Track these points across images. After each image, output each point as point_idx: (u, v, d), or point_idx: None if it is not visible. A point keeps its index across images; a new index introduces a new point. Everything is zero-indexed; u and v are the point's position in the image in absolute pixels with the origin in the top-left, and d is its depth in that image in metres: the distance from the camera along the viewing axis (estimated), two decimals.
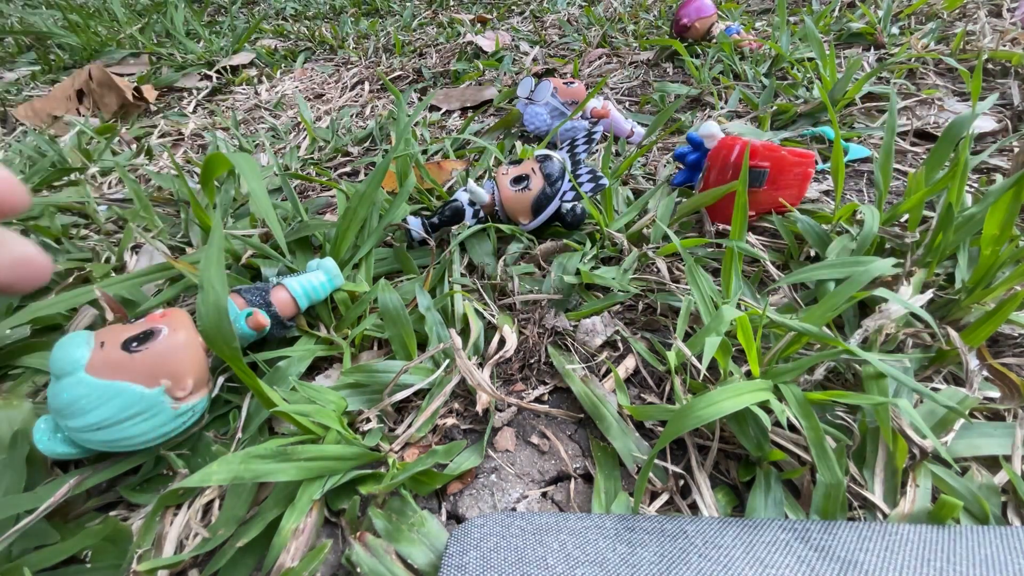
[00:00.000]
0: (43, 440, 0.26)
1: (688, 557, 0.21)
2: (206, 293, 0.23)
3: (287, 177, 0.46)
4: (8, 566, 0.24)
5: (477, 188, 0.41)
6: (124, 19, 1.29)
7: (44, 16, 1.33)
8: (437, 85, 0.88)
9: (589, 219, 0.46)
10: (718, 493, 0.26)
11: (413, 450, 0.29)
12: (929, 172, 0.38)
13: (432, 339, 0.34)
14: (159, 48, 1.11)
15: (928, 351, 0.30)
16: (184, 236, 0.47)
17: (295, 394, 0.30)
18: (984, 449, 0.26)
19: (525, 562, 0.21)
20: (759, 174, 0.39)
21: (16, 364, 0.33)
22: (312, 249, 0.43)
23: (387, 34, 1.14)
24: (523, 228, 0.42)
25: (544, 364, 0.34)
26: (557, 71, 0.85)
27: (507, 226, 0.42)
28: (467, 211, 0.42)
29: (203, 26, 1.26)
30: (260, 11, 1.49)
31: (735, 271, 0.34)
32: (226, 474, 0.23)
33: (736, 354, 0.32)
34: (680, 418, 0.23)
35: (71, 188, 0.55)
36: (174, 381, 0.27)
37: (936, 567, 0.20)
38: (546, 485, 0.28)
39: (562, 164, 0.41)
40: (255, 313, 0.31)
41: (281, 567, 0.23)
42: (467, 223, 0.42)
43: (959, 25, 0.81)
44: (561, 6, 1.24)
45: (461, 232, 0.42)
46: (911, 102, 0.60)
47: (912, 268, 0.35)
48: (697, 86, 0.72)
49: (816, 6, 1.00)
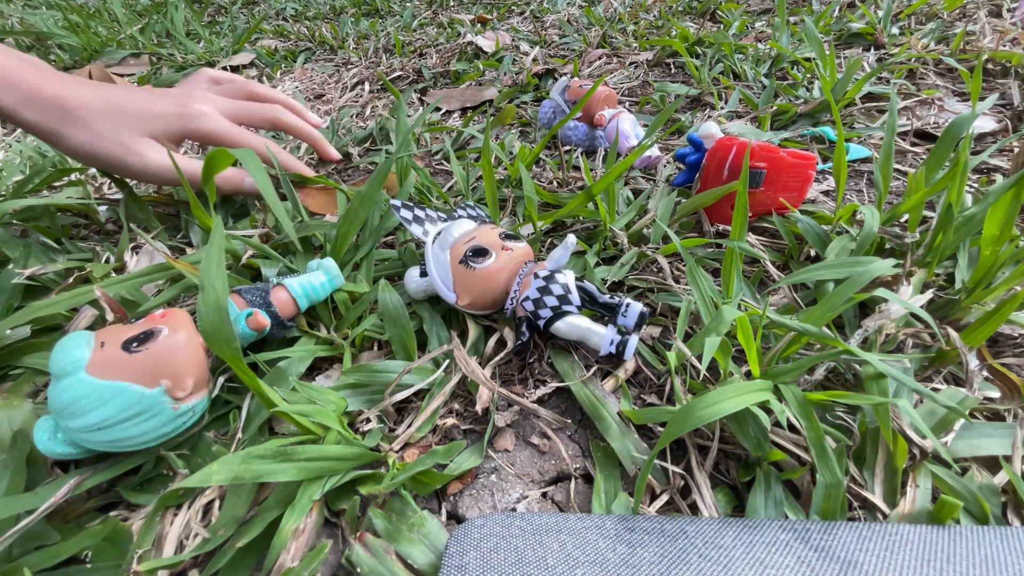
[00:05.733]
0: (43, 440, 0.26)
1: (688, 557, 0.21)
2: (206, 293, 0.23)
3: (287, 177, 0.46)
4: (8, 566, 0.24)
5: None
6: (124, 19, 1.29)
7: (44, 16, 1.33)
8: (437, 85, 0.88)
9: (591, 219, 0.46)
10: (718, 493, 0.26)
11: (413, 450, 0.29)
12: (929, 172, 0.38)
13: (432, 339, 0.35)
14: (159, 48, 1.11)
15: (928, 351, 0.30)
16: (184, 236, 0.47)
17: (295, 394, 0.30)
18: (984, 449, 0.26)
19: (525, 562, 0.21)
20: (756, 175, 0.39)
21: (16, 364, 0.33)
22: (312, 249, 0.43)
23: (387, 34, 1.14)
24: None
25: (546, 363, 0.34)
26: (557, 71, 0.85)
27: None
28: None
29: (203, 26, 1.26)
30: (260, 11, 1.50)
31: (735, 271, 0.34)
32: (226, 474, 0.23)
33: (736, 354, 0.32)
34: (680, 419, 0.23)
35: (71, 188, 0.55)
36: (174, 381, 0.27)
37: (936, 567, 0.20)
38: (546, 485, 0.28)
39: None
40: (255, 313, 0.31)
41: (281, 567, 0.23)
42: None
43: (959, 25, 0.81)
44: (561, 6, 1.24)
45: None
46: (911, 102, 0.60)
47: (912, 268, 0.35)
48: (697, 86, 0.72)
49: (816, 6, 1.01)
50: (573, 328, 0.32)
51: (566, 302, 0.32)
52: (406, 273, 0.37)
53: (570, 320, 0.32)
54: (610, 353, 0.31)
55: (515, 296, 0.33)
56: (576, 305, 0.32)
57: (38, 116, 0.41)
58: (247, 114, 0.49)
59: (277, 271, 0.39)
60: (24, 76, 0.41)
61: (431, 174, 0.58)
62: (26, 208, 0.47)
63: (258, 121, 0.50)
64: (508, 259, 0.34)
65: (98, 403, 0.25)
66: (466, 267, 0.33)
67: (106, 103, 0.43)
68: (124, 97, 0.44)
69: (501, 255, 0.34)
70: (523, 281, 0.33)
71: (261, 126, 0.50)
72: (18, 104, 0.40)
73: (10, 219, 0.46)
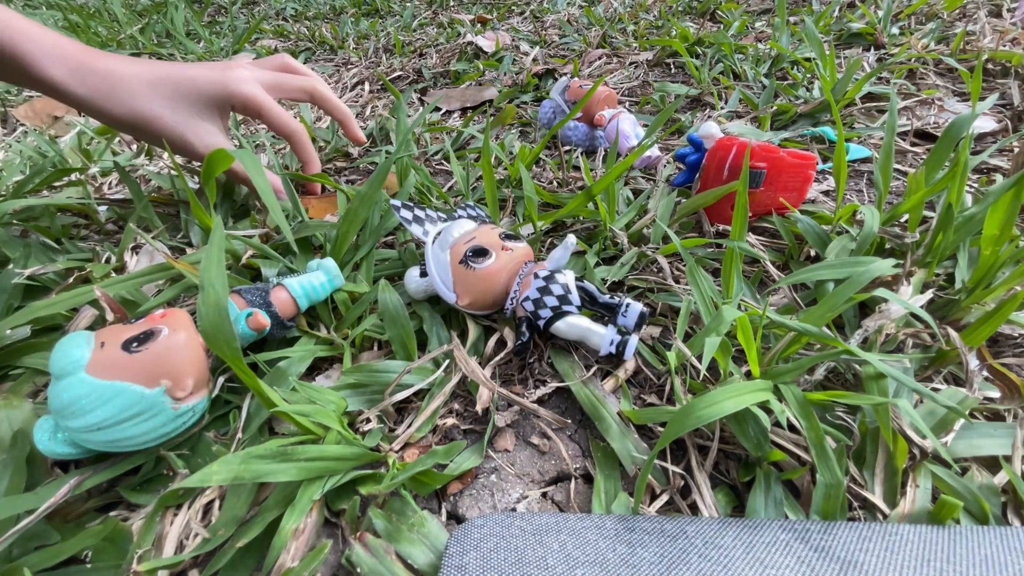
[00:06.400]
0: (43, 440, 0.26)
1: (688, 557, 0.21)
2: (206, 293, 0.23)
3: (287, 177, 0.46)
4: (8, 566, 0.24)
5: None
6: (124, 19, 1.29)
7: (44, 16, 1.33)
8: (437, 85, 0.88)
9: (591, 219, 0.46)
10: (718, 493, 0.26)
11: (413, 450, 0.29)
12: (929, 172, 0.38)
13: (432, 339, 0.35)
14: (159, 48, 1.11)
15: (928, 351, 0.30)
16: (184, 236, 0.48)
17: (295, 394, 0.30)
18: (984, 449, 0.26)
19: (525, 562, 0.21)
20: (756, 175, 0.39)
21: (16, 364, 0.33)
22: (312, 249, 0.43)
23: (387, 34, 1.14)
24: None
25: (546, 363, 0.34)
26: (557, 71, 0.85)
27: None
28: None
29: (203, 26, 1.26)
30: (260, 11, 1.50)
31: (735, 271, 0.34)
32: (226, 474, 0.23)
33: (736, 354, 0.32)
34: (680, 419, 0.23)
35: (71, 188, 0.55)
36: (174, 381, 0.27)
37: (936, 567, 0.20)
38: (546, 485, 0.28)
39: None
40: (255, 313, 0.31)
41: (281, 567, 0.23)
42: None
43: (959, 25, 0.81)
44: (561, 6, 1.24)
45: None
46: (911, 102, 0.60)
47: (912, 268, 0.35)
48: (697, 86, 0.72)
49: (816, 6, 1.01)
50: (573, 328, 0.32)
51: (566, 302, 0.32)
52: (406, 273, 0.37)
53: (570, 320, 0.32)
54: (610, 353, 0.31)
55: (515, 296, 0.33)
56: (576, 305, 0.32)
57: (89, 91, 0.41)
58: (286, 84, 0.49)
59: (277, 271, 0.39)
60: (72, 50, 0.41)
61: (431, 174, 0.58)
62: (26, 208, 0.47)
63: (296, 91, 0.50)
64: (508, 259, 0.34)
65: (98, 403, 0.25)
66: (466, 267, 0.33)
67: (152, 76, 0.43)
68: (168, 70, 0.44)
69: (501, 255, 0.34)
70: (523, 281, 0.33)
71: (298, 96, 0.50)
72: (68, 77, 0.40)
73: (10, 219, 0.46)
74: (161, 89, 0.43)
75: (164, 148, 0.43)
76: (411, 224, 0.37)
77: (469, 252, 0.34)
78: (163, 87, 0.43)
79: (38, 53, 0.39)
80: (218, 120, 0.46)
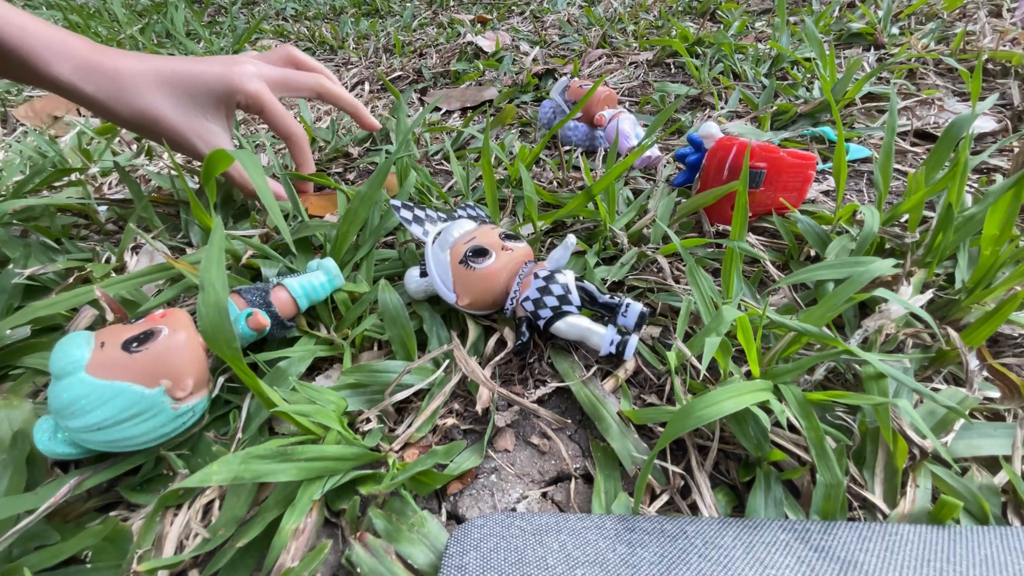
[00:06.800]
0: (43, 440, 0.26)
1: (688, 558, 0.21)
2: (206, 293, 0.23)
3: (287, 177, 0.46)
4: (8, 566, 0.24)
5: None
6: (124, 19, 1.29)
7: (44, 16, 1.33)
8: (437, 85, 0.88)
9: (591, 219, 0.46)
10: (718, 493, 0.26)
11: (413, 450, 0.29)
12: (929, 172, 0.38)
13: (432, 339, 0.35)
14: (159, 48, 1.11)
15: (928, 351, 0.30)
16: (184, 236, 0.48)
17: (295, 394, 0.30)
18: (984, 449, 0.26)
19: (525, 562, 0.21)
20: (756, 175, 0.39)
21: (16, 364, 0.33)
22: (312, 249, 0.43)
23: (387, 34, 1.14)
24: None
25: (546, 363, 0.34)
26: (557, 71, 0.85)
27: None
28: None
29: (203, 26, 1.26)
30: (260, 11, 1.50)
31: (735, 271, 0.34)
32: (226, 474, 0.23)
33: (736, 354, 0.32)
34: (680, 419, 0.23)
35: (71, 188, 0.55)
36: (174, 381, 0.27)
37: (936, 567, 0.20)
38: (546, 485, 0.28)
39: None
40: (255, 313, 0.31)
41: (281, 567, 0.23)
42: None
43: (959, 25, 0.81)
44: (561, 6, 1.24)
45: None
46: (911, 102, 0.60)
47: (912, 268, 0.35)
48: (697, 86, 0.72)
49: (816, 6, 1.01)
50: (573, 328, 0.32)
51: (566, 302, 0.32)
52: (406, 273, 0.37)
53: (570, 320, 0.32)
54: (610, 353, 0.31)
55: (515, 296, 0.33)
56: (576, 305, 0.32)
57: (95, 89, 0.41)
58: (293, 81, 0.49)
59: (277, 271, 0.39)
60: (79, 48, 0.40)
61: (431, 174, 0.58)
62: (26, 208, 0.47)
63: (303, 89, 0.50)
64: (508, 259, 0.34)
65: (98, 403, 0.25)
66: (466, 267, 0.33)
67: (159, 74, 0.43)
68: (175, 67, 0.44)
69: (501, 255, 0.34)
70: (523, 281, 0.33)
71: (305, 94, 0.50)
72: (74, 76, 0.40)
73: (10, 219, 0.46)
74: (167, 87, 0.43)
75: (167, 148, 0.43)
76: (411, 224, 0.37)
77: (469, 252, 0.34)
78: (169, 85, 0.43)
79: (45, 51, 0.39)
80: (223, 117, 0.46)
